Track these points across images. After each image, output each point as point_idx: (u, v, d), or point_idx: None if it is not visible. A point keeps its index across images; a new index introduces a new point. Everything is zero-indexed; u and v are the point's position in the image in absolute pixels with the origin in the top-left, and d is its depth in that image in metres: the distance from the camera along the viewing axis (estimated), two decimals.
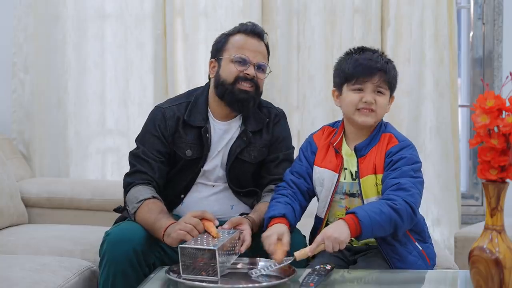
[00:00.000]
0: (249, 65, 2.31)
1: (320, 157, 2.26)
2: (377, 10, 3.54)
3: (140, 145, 2.35)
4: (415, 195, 2.09)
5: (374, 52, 2.22)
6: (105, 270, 2.12)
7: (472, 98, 3.74)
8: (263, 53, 2.37)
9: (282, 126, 2.47)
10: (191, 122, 2.35)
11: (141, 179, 2.28)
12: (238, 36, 2.35)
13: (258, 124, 2.40)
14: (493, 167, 1.64)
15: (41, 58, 3.60)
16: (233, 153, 2.36)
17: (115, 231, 2.15)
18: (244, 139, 2.37)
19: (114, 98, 3.68)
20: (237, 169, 2.37)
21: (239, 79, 2.31)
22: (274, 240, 2.01)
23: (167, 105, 2.40)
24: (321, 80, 3.55)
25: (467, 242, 2.93)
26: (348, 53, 2.25)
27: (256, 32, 2.36)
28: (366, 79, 2.16)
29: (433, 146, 3.57)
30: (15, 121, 3.60)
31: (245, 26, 2.37)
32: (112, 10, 3.67)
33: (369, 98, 2.15)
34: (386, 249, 2.15)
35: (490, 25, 3.70)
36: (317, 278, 1.88)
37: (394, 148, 2.16)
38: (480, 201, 3.76)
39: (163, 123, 2.34)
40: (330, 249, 1.98)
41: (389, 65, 2.21)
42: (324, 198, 2.23)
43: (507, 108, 1.63)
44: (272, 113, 2.46)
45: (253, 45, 2.33)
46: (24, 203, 3.18)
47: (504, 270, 1.63)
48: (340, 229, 1.99)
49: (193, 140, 2.35)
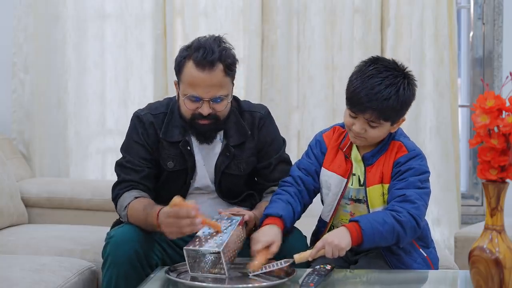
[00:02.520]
0: (202, 102, 2.17)
1: (329, 159, 2.22)
2: (377, 10, 3.54)
3: (125, 154, 2.31)
4: (421, 207, 2.07)
5: (384, 79, 2.06)
6: (108, 272, 2.11)
7: (472, 98, 3.74)
8: (218, 84, 2.16)
9: (268, 129, 2.36)
10: (168, 138, 2.27)
11: (125, 187, 2.24)
12: (190, 67, 2.16)
13: (240, 136, 2.31)
14: (493, 167, 1.64)
15: (41, 58, 3.60)
16: (219, 170, 2.29)
17: (117, 233, 2.14)
18: (227, 154, 2.29)
19: (114, 98, 3.68)
20: (227, 183, 2.32)
21: (195, 116, 2.20)
22: (258, 247, 1.99)
23: (144, 112, 2.32)
24: (321, 80, 3.55)
25: (467, 242, 2.93)
26: (359, 71, 2.12)
27: (207, 61, 2.14)
28: (357, 111, 2.07)
29: (433, 146, 3.57)
30: (15, 121, 3.60)
31: (196, 53, 2.16)
32: (112, 10, 3.67)
33: (357, 130, 2.08)
34: (391, 258, 2.14)
35: (490, 25, 3.70)
36: (317, 278, 1.88)
37: (403, 158, 2.12)
38: (480, 201, 3.76)
39: (145, 130, 2.29)
40: (330, 255, 1.97)
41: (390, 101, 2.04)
42: (331, 203, 2.21)
43: (507, 108, 1.63)
44: (256, 117, 2.34)
45: (204, 80, 2.14)
46: (24, 203, 3.18)
47: (504, 270, 1.63)
48: (342, 236, 1.98)
49: (175, 152, 2.28)
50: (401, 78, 2.09)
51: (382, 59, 2.14)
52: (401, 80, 2.08)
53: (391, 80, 2.07)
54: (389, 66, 2.10)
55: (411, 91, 2.11)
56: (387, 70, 2.08)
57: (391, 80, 2.07)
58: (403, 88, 2.08)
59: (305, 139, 3.53)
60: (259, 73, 3.58)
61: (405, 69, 2.13)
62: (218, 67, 2.16)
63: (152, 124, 2.29)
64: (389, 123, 2.10)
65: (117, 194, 2.26)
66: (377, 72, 2.08)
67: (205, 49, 2.16)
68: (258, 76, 3.57)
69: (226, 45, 2.22)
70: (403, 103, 2.09)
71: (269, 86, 3.56)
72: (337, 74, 3.57)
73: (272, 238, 2.03)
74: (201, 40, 2.22)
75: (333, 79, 3.58)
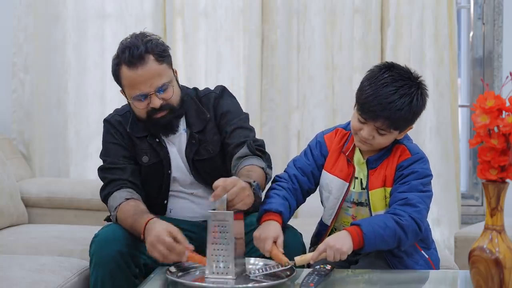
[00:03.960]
0: (150, 96, 2.19)
1: (331, 162, 2.20)
2: (377, 10, 3.54)
3: (105, 158, 2.32)
4: (422, 210, 2.06)
5: (398, 89, 2.02)
6: (94, 271, 2.12)
7: (472, 98, 3.74)
8: (156, 73, 2.19)
9: (221, 103, 2.35)
10: (134, 133, 2.30)
11: (115, 186, 2.24)
12: (124, 71, 2.20)
13: (202, 122, 2.32)
14: (493, 167, 1.64)
15: (41, 58, 3.60)
16: (190, 159, 2.31)
17: (102, 232, 2.15)
18: (193, 142, 2.30)
19: (114, 98, 3.67)
20: (204, 169, 2.32)
21: (150, 113, 2.22)
22: (270, 246, 1.98)
23: (111, 115, 2.37)
24: (321, 80, 3.55)
25: (467, 242, 2.93)
26: (372, 76, 2.07)
27: (135, 58, 2.17)
28: (368, 119, 2.05)
29: (433, 146, 3.57)
30: (15, 121, 3.60)
31: (123, 55, 2.19)
32: (112, 10, 3.67)
33: (365, 135, 2.07)
34: (392, 260, 2.14)
35: (490, 25, 3.70)
36: (317, 278, 1.87)
37: (406, 161, 2.11)
38: (480, 201, 3.76)
39: (116, 130, 2.32)
40: (331, 258, 1.96)
41: (403, 112, 2.02)
42: (332, 206, 2.20)
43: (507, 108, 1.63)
44: (211, 97, 2.36)
45: (141, 76, 2.17)
46: (24, 203, 3.18)
47: (504, 270, 1.63)
48: (343, 240, 1.98)
49: (147, 146, 2.31)
50: (415, 89, 2.05)
51: (397, 67, 2.09)
52: (415, 90, 2.05)
53: (405, 90, 2.03)
54: (404, 75, 2.06)
55: (423, 102, 2.09)
56: (402, 79, 2.05)
57: (406, 90, 2.03)
58: (416, 99, 2.04)
59: (305, 139, 3.53)
60: (259, 73, 3.58)
61: (419, 78, 2.09)
62: (149, 58, 2.19)
63: (121, 123, 2.33)
64: (398, 132, 2.09)
65: (107, 193, 2.25)
66: (392, 81, 2.04)
67: (130, 48, 2.19)
68: (258, 76, 3.57)
69: (151, 37, 2.25)
70: (415, 113, 2.07)
71: (269, 86, 3.56)
72: (337, 74, 3.57)
73: (277, 233, 2.02)
74: (124, 42, 2.25)
75: (333, 79, 3.58)
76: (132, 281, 2.12)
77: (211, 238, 1.89)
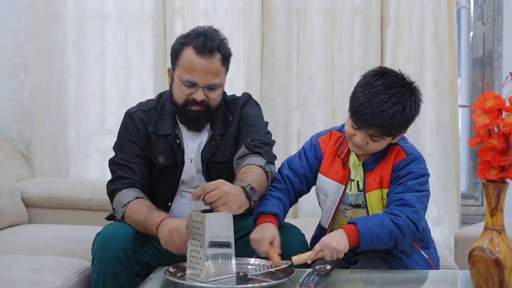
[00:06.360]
0: (197, 88, 2.22)
1: (326, 165, 2.21)
2: (377, 10, 3.54)
3: (118, 151, 2.33)
4: (419, 210, 2.06)
5: (391, 97, 2.01)
6: (96, 269, 2.12)
7: (472, 98, 3.74)
8: (215, 71, 2.22)
9: (246, 110, 2.38)
10: (157, 132, 2.31)
11: (124, 184, 2.25)
12: (189, 52, 2.22)
13: (225, 125, 2.34)
14: (493, 167, 1.64)
15: (41, 58, 3.60)
16: (205, 159, 2.31)
17: (104, 230, 2.16)
18: (213, 143, 2.31)
19: (114, 98, 3.68)
20: (217, 171, 2.32)
21: (188, 102, 2.25)
22: (267, 247, 2.00)
23: (135, 109, 2.37)
24: (321, 80, 3.55)
25: (467, 242, 2.93)
26: (365, 83, 2.05)
27: (207, 48, 2.20)
28: (361, 126, 2.05)
29: (433, 146, 3.57)
30: (15, 121, 3.60)
31: (196, 40, 2.22)
32: (112, 10, 3.67)
33: (359, 141, 2.07)
34: (392, 261, 2.14)
35: (490, 25, 3.70)
36: (317, 278, 1.88)
37: (402, 162, 2.11)
38: (480, 201, 3.76)
39: (135, 127, 2.32)
40: (328, 257, 1.97)
41: (395, 120, 2.01)
42: (329, 209, 2.20)
43: (507, 108, 1.63)
44: (238, 103, 2.38)
45: (202, 66, 2.20)
46: (24, 203, 3.19)
47: (504, 270, 1.63)
48: (339, 238, 1.99)
49: (165, 147, 2.31)
50: (408, 96, 2.05)
51: (391, 73, 2.08)
52: (408, 98, 2.04)
53: (398, 98, 2.02)
54: (398, 82, 2.05)
55: (416, 108, 2.09)
56: (395, 87, 2.04)
57: (399, 98, 2.02)
58: (409, 106, 2.04)
59: (305, 139, 3.51)
60: (259, 73, 3.58)
61: (413, 84, 2.08)
62: (217, 55, 2.23)
63: (142, 120, 2.33)
64: (391, 138, 2.10)
65: (115, 189, 2.26)
66: (384, 88, 2.03)
67: (206, 36, 2.22)
68: (258, 76, 3.57)
69: (224, 38, 2.29)
70: (408, 120, 2.08)
71: (269, 86, 3.56)
72: (337, 74, 3.57)
73: (273, 234, 2.03)
74: (200, 29, 2.28)
75: (333, 79, 3.58)
76: (134, 278, 2.12)
77: (189, 238, 1.92)
